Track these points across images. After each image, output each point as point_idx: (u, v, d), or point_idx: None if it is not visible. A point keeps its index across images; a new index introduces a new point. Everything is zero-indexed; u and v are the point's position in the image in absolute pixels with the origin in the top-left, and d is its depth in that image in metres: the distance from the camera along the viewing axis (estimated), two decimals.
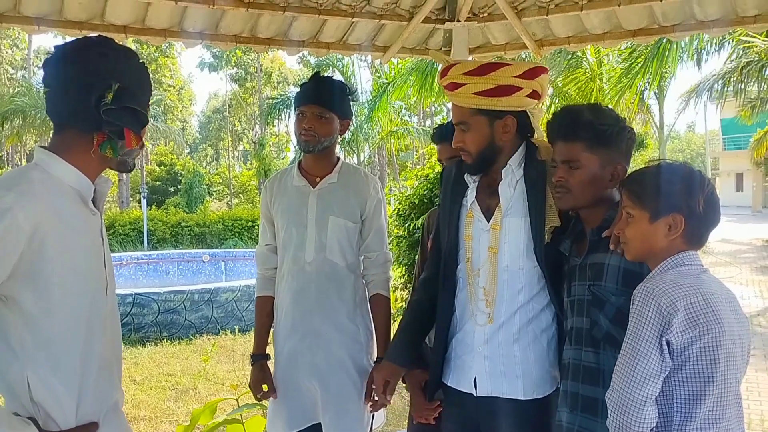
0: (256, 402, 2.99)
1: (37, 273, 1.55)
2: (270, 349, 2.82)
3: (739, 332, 1.73)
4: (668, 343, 1.66)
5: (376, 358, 2.70)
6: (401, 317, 2.53)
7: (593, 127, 1.96)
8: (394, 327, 2.62)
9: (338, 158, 2.79)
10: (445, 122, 2.86)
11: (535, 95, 2.14)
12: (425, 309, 2.41)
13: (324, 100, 2.65)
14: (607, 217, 1.98)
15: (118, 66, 1.68)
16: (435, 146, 3.01)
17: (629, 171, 1.97)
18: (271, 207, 2.78)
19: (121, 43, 1.76)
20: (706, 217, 1.78)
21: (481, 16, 4.01)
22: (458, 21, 3.91)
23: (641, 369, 1.66)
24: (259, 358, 2.78)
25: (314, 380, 2.62)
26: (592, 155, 1.96)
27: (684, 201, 1.76)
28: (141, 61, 1.77)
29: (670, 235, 1.77)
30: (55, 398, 1.59)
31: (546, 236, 2.11)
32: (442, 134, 2.82)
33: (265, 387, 2.71)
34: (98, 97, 1.62)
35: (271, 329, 2.81)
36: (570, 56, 13.62)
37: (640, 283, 1.76)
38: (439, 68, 2.27)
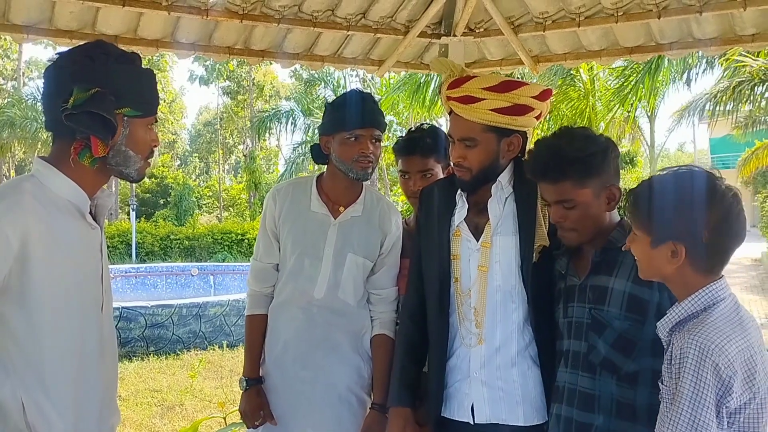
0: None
1: (24, 289, 1.47)
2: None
3: None
4: (726, 408, 1.49)
5: (372, 404, 2.50)
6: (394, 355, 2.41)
7: (579, 162, 1.87)
8: None
9: (362, 184, 2.56)
10: (413, 134, 2.66)
11: (540, 116, 2.12)
12: (417, 342, 2.30)
13: (380, 120, 2.47)
14: (611, 238, 1.92)
15: (103, 70, 1.58)
16: (400, 159, 2.69)
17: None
18: (279, 223, 2.53)
19: (123, 49, 1.68)
20: (716, 245, 1.56)
21: (477, 31, 3.98)
22: (454, 36, 3.88)
23: None
24: (254, 382, 2.55)
25: (312, 412, 2.45)
26: (584, 189, 1.89)
27: (684, 228, 1.56)
28: (146, 67, 1.68)
29: (674, 263, 1.58)
30: (47, 424, 1.50)
31: (534, 255, 2.05)
32: (414, 146, 2.59)
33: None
34: (62, 101, 1.53)
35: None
36: (565, 74, 13.64)
37: (687, 332, 1.55)
38: (445, 78, 2.17)
